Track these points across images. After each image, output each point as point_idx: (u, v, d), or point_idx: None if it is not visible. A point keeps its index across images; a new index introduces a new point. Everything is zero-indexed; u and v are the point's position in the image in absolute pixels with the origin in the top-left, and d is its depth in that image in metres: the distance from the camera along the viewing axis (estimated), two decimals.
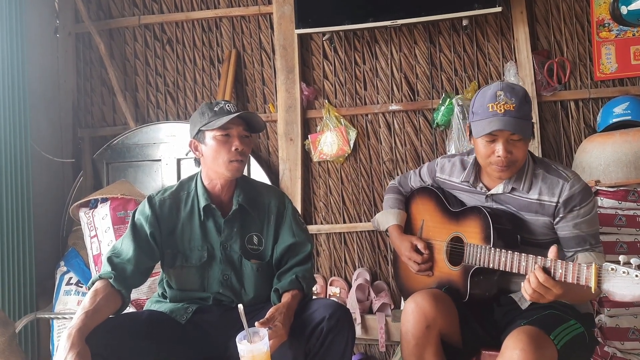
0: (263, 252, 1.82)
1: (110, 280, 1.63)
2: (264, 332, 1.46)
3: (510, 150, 1.59)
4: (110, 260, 1.69)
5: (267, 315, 1.56)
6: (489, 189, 1.73)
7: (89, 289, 1.63)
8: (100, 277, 1.65)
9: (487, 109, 1.59)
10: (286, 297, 1.67)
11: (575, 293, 1.47)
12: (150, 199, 1.81)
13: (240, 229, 1.80)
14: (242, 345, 1.43)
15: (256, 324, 1.49)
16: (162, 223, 1.78)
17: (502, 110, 1.57)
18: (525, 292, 1.44)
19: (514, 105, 1.57)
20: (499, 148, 1.59)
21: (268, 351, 1.44)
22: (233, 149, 1.73)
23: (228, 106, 1.76)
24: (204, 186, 1.81)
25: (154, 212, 1.77)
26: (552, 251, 1.44)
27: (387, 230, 2.00)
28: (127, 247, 1.71)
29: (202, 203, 1.78)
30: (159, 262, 1.81)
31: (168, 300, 1.81)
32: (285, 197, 1.91)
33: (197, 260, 1.77)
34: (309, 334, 1.59)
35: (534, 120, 2.63)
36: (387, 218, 2.00)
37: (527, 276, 1.45)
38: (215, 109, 1.75)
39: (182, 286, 1.79)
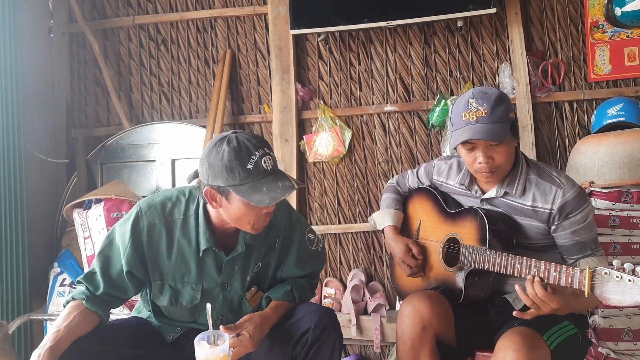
0: (262, 277, 1.68)
1: (83, 302, 1.51)
2: (226, 337, 1.39)
3: (490, 156, 1.58)
4: (83, 282, 1.56)
5: (237, 322, 1.49)
6: (483, 192, 1.73)
7: (64, 306, 1.53)
8: (73, 298, 1.53)
9: (461, 119, 1.60)
10: (269, 308, 1.59)
11: (574, 306, 1.47)
12: (136, 222, 1.55)
13: (242, 266, 1.62)
14: (199, 347, 1.35)
15: (221, 327, 1.42)
16: (148, 252, 1.57)
17: (475, 118, 1.56)
18: (522, 297, 1.45)
19: (485, 110, 1.55)
20: (478, 155, 1.59)
21: (225, 357, 1.36)
22: (264, 212, 1.50)
23: (265, 163, 1.44)
24: (207, 223, 1.56)
25: (137, 243, 1.55)
26: (519, 290, 1.45)
27: (383, 230, 2.00)
28: (97, 281, 1.55)
29: (203, 245, 1.56)
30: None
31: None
32: (293, 221, 1.71)
33: (189, 302, 1.60)
34: (295, 342, 1.55)
35: (528, 123, 2.68)
36: (383, 218, 1.99)
37: (526, 280, 1.45)
38: (249, 166, 1.42)
39: (171, 317, 1.67)
